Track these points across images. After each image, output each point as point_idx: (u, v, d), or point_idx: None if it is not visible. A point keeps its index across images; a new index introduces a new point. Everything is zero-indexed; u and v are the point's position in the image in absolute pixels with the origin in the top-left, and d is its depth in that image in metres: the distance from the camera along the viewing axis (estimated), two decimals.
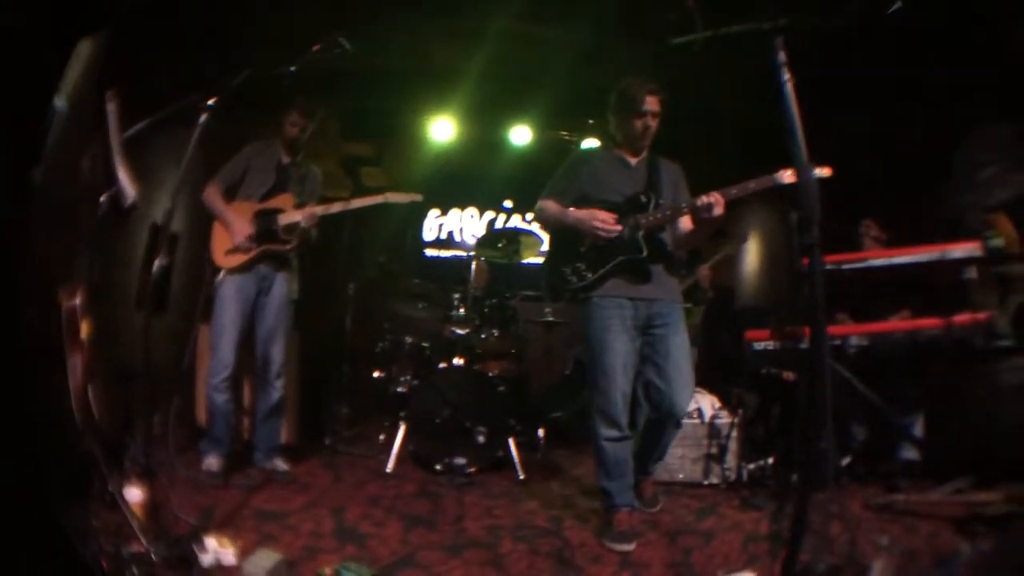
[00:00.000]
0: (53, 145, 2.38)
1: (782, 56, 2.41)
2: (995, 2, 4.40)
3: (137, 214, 4.33)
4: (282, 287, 4.62)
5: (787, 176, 3.51)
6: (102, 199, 2.88)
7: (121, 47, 2.83)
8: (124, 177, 2.89)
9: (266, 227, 4.48)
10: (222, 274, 4.50)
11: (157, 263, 3.17)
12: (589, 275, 3.75)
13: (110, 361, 3.68)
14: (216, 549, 2.88)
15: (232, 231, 4.44)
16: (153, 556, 2.57)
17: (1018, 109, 4.92)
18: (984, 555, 3.16)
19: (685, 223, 3.89)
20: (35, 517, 2.11)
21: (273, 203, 4.56)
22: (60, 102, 2.43)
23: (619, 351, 3.68)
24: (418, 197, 4.70)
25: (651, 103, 3.81)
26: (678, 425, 3.86)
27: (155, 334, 5.15)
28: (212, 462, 4.36)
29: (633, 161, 3.99)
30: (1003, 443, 4.61)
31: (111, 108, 2.89)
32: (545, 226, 4.13)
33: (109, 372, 3.37)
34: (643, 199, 3.80)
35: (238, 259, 4.47)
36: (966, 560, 3.15)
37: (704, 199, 3.51)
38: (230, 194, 4.58)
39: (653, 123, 3.86)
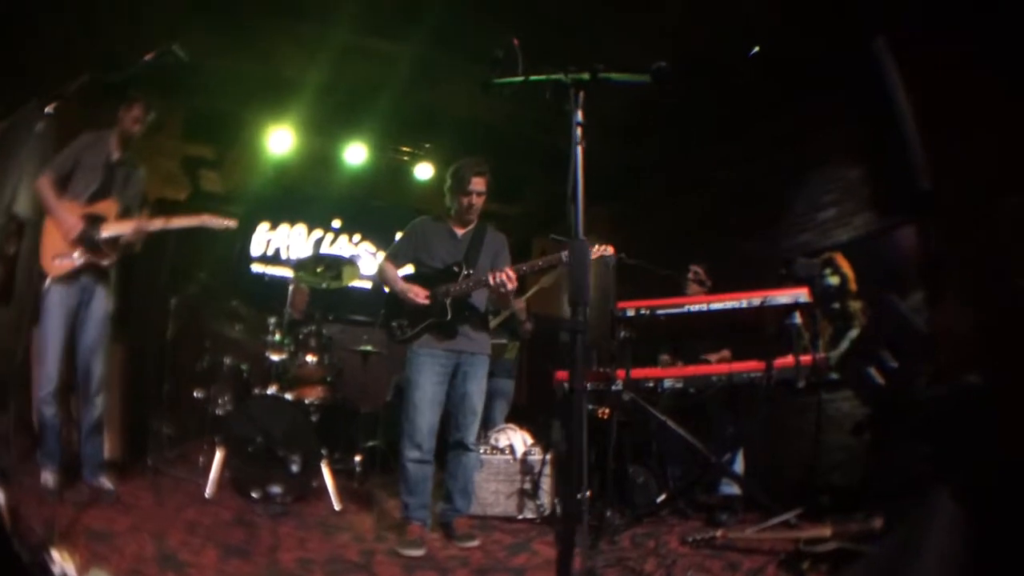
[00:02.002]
0: None
1: (579, 114, 2.36)
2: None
3: None
4: (102, 300, 4.46)
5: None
6: None
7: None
8: None
9: (90, 236, 4.30)
10: (48, 281, 4.30)
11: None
12: (409, 331, 4.41)
13: None
14: (60, 563, 2.77)
15: (63, 227, 4.26)
16: (23, 559, 2.49)
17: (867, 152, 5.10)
18: None
19: None
20: None
21: (97, 209, 4.37)
22: None
23: (427, 390, 4.30)
24: (232, 224, 4.64)
25: (477, 183, 4.44)
26: (468, 450, 4.44)
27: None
28: (47, 477, 4.16)
29: (460, 232, 4.60)
30: (831, 472, 4.79)
31: None
32: (383, 283, 4.67)
33: None
34: (455, 270, 4.43)
35: (64, 267, 4.28)
36: None
37: (498, 276, 4.11)
38: (61, 185, 4.37)
39: (478, 201, 4.50)
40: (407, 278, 4.54)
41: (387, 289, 4.64)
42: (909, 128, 3.68)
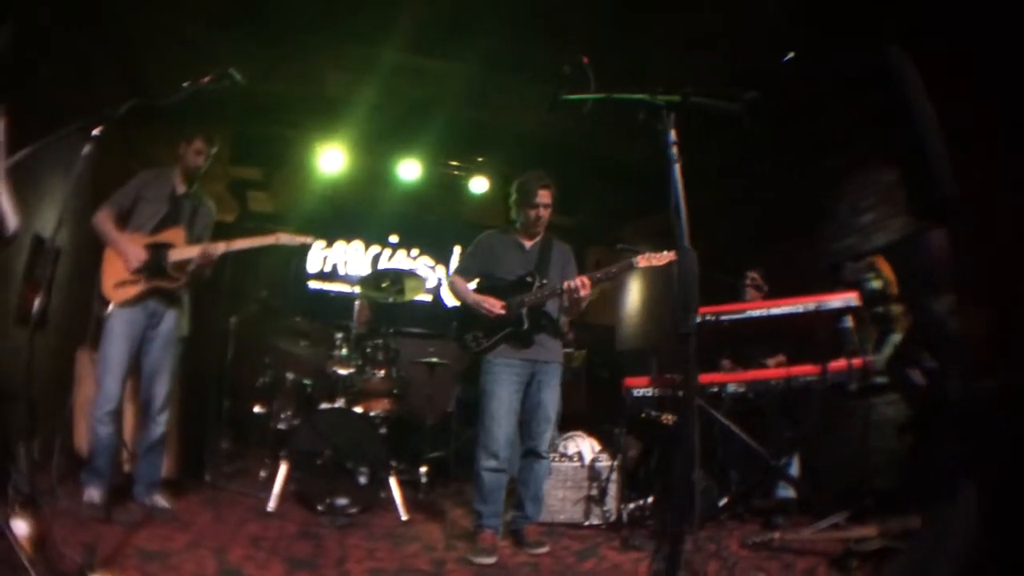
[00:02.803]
0: None
1: (673, 134, 2.43)
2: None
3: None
4: (171, 323, 4.51)
5: (642, 261, 4.35)
6: None
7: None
8: (6, 205, 2.75)
9: (156, 262, 4.35)
10: (111, 307, 4.33)
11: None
12: (484, 342, 4.49)
13: None
14: None
15: (126, 257, 4.30)
16: None
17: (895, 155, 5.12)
18: None
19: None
20: None
21: (164, 237, 4.42)
22: None
23: (503, 399, 4.40)
24: (309, 239, 4.77)
25: (543, 196, 4.56)
26: (541, 457, 4.50)
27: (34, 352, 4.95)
28: (93, 494, 4.14)
29: (528, 244, 4.72)
30: (876, 475, 4.83)
31: (1, 125, 2.76)
32: (454, 297, 4.82)
33: None
34: (528, 280, 4.55)
35: (127, 293, 4.31)
36: None
37: (574, 283, 4.27)
38: (121, 221, 4.43)
39: (545, 213, 4.60)
40: (478, 290, 4.65)
41: (457, 303, 4.77)
42: (932, 132, 3.70)
